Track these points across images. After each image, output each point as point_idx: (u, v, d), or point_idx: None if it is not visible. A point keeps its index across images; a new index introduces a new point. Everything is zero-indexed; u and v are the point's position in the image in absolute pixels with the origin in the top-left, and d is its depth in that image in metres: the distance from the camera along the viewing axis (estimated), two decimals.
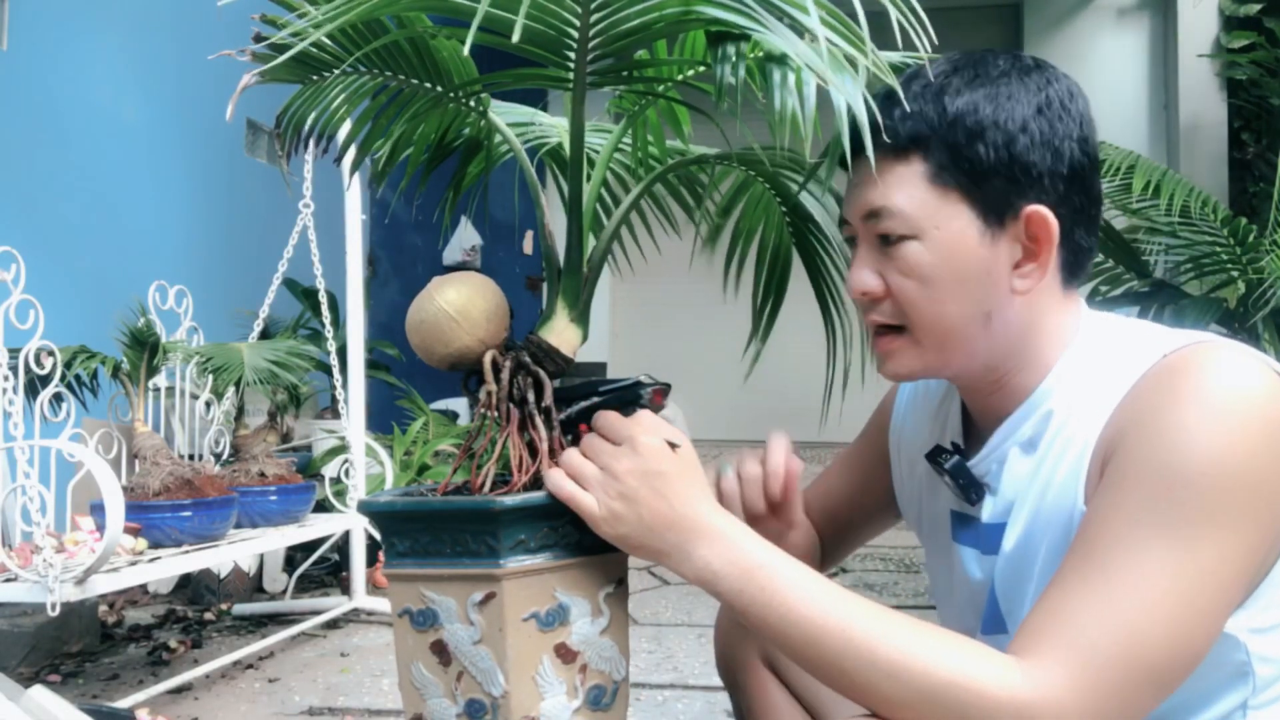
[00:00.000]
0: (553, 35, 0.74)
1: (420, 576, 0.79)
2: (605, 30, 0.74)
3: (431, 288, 0.88)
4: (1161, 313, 2.83)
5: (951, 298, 0.80)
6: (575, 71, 0.79)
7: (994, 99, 0.78)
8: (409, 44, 0.82)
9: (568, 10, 0.72)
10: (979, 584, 0.89)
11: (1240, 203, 4.21)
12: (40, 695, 1.54)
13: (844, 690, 0.73)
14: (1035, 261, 0.80)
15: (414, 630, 0.80)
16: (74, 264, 3.09)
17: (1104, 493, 0.73)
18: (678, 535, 0.76)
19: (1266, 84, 4.19)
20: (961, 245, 0.80)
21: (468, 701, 0.78)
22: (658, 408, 0.85)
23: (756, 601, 0.74)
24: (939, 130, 0.78)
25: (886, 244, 0.81)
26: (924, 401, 1.00)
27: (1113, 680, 0.68)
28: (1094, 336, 0.83)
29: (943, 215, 0.79)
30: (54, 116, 3.17)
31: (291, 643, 2.64)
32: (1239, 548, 0.70)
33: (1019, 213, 0.79)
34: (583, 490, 0.77)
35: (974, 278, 0.80)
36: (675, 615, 2.89)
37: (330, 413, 3.71)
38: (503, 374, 0.86)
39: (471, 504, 0.79)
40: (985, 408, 0.88)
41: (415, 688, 0.80)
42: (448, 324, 0.85)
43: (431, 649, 0.79)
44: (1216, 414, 0.70)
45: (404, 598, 0.81)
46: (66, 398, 2.00)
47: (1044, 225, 0.80)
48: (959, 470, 0.88)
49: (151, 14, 3.61)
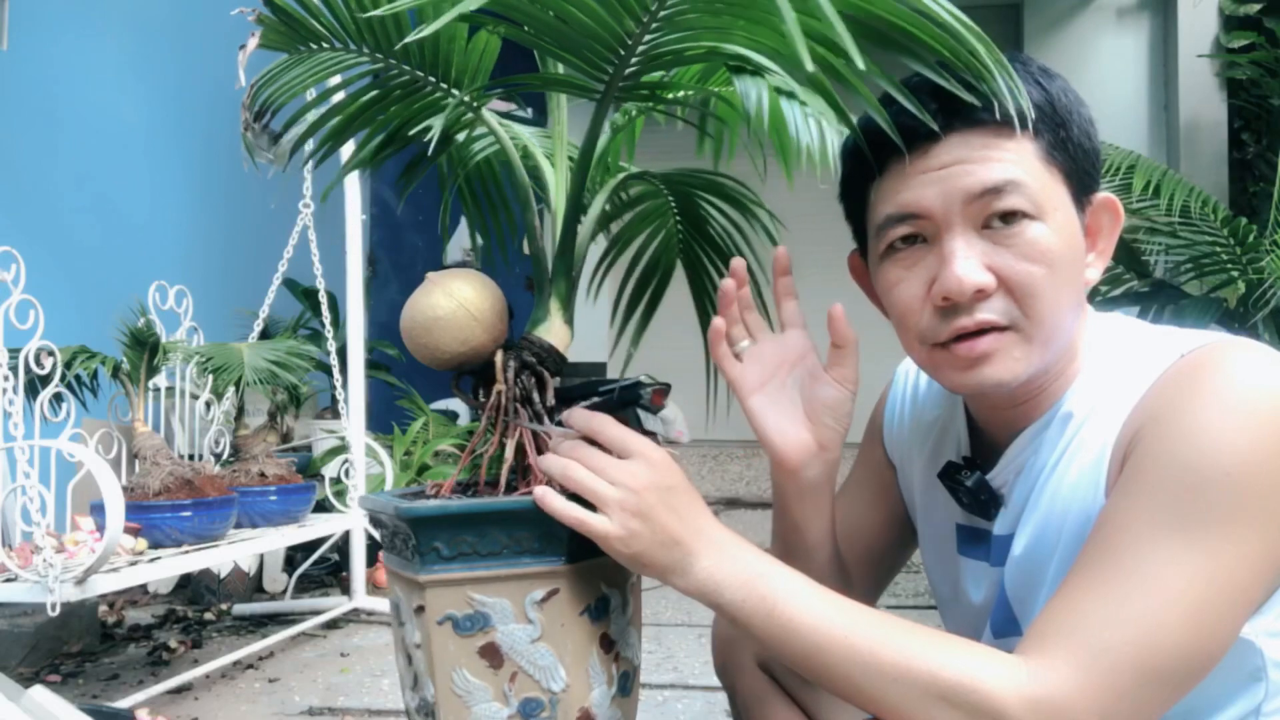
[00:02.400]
0: (600, 49, 0.76)
1: (469, 580, 0.78)
2: (648, 51, 0.76)
3: (437, 284, 0.86)
4: (1161, 313, 2.82)
5: (1066, 286, 0.77)
6: (608, 83, 0.80)
7: (1066, 89, 0.78)
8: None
9: (626, 30, 0.73)
10: (983, 602, 0.88)
11: (1240, 203, 4.20)
12: (40, 695, 1.53)
13: (850, 697, 0.72)
14: (1096, 250, 0.81)
15: (458, 636, 0.78)
16: (74, 264, 3.09)
17: (1121, 491, 0.72)
18: (683, 550, 0.74)
19: (1266, 84, 4.19)
20: (1072, 229, 0.77)
21: (522, 701, 0.78)
22: (657, 408, 0.85)
23: (759, 612, 0.73)
24: (1044, 109, 0.76)
25: (1004, 226, 0.75)
26: (917, 413, 0.98)
27: (1123, 681, 0.66)
28: (1107, 338, 0.82)
29: (1056, 197, 0.76)
30: (54, 116, 3.17)
31: (291, 643, 2.63)
32: (1258, 549, 0.68)
33: (1092, 200, 0.80)
34: (590, 513, 0.74)
35: (1079, 267, 0.79)
36: (675, 615, 2.88)
37: (330, 413, 3.71)
38: (508, 373, 0.85)
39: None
40: (1006, 419, 0.84)
41: (458, 695, 0.78)
42: (466, 321, 0.84)
43: (480, 653, 0.78)
44: (1236, 413, 0.68)
45: (446, 604, 0.78)
46: (66, 398, 1.99)
47: (1115, 211, 0.80)
48: (981, 486, 0.85)
49: (151, 14, 3.61)
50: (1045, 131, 0.76)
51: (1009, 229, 0.75)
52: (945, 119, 0.75)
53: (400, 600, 0.83)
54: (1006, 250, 0.75)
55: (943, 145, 0.75)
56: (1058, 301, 0.76)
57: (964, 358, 0.77)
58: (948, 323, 0.77)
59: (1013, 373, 0.77)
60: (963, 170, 0.75)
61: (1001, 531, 0.85)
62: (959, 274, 0.75)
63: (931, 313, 0.78)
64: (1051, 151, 0.76)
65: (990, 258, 0.75)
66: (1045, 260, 0.75)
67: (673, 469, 0.76)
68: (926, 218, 0.77)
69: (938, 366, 0.81)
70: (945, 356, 0.79)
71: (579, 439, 0.79)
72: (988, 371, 0.77)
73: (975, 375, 0.78)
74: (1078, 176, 0.78)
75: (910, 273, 0.79)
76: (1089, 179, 0.79)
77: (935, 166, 0.76)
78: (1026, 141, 0.76)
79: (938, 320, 0.78)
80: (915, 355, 0.83)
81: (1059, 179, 0.77)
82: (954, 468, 0.88)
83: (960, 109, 0.74)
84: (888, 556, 1.04)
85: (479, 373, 0.88)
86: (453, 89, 0.88)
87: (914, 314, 0.79)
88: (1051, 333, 0.77)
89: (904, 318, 0.81)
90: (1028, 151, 0.76)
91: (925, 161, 0.76)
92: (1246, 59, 4.24)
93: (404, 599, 0.82)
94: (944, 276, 0.76)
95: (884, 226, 0.80)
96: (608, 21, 0.72)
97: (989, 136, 0.75)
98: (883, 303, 0.84)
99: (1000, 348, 0.76)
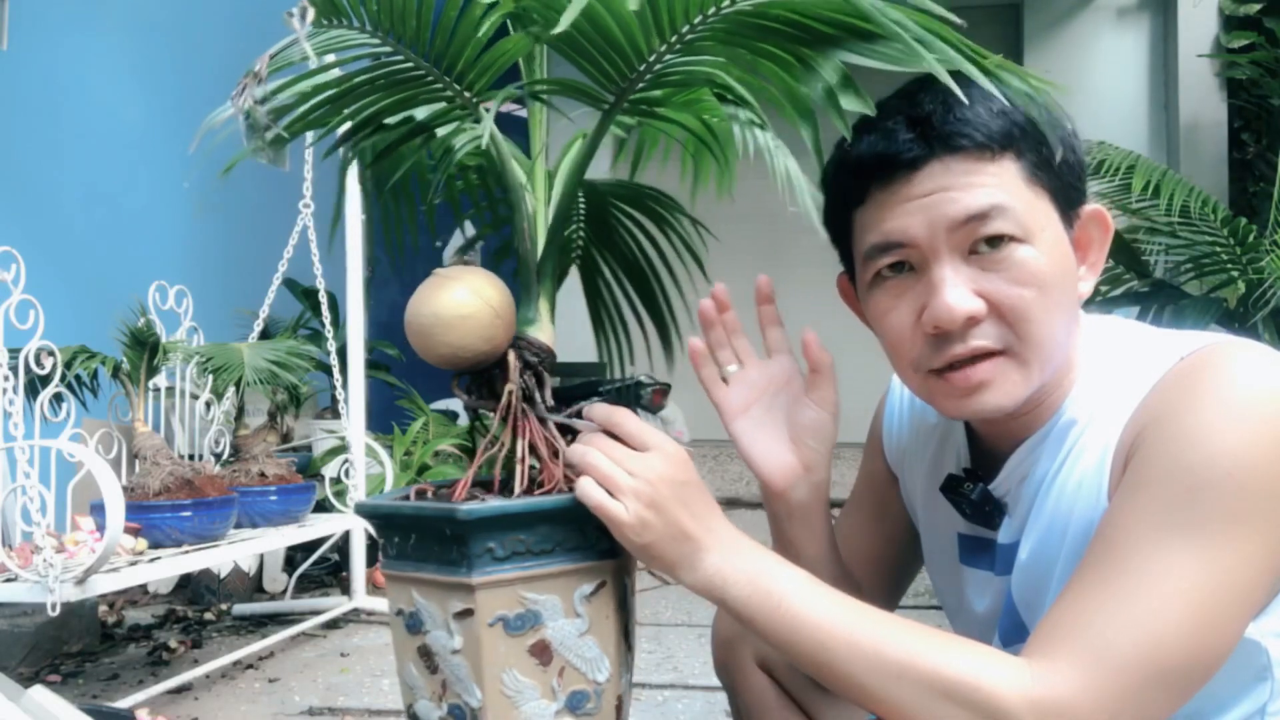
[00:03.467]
0: (619, 62, 0.79)
1: (521, 579, 0.78)
2: (660, 71, 0.80)
3: (458, 280, 0.84)
4: (1161, 313, 2.82)
5: (1059, 305, 0.76)
6: (619, 95, 0.83)
7: (1048, 105, 0.76)
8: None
9: (650, 46, 0.77)
10: (987, 611, 0.88)
11: (1240, 203, 4.20)
12: (40, 695, 1.53)
13: (854, 695, 0.72)
14: (1087, 263, 0.81)
15: (508, 636, 0.77)
16: (74, 264, 3.09)
17: (1123, 493, 0.72)
18: (692, 545, 0.75)
19: (1266, 84, 4.19)
20: (1060, 248, 0.77)
21: (570, 695, 0.78)
22: (658, 408, 0.85)
23: (764, 609, 0.73)
24: (1026, 128, 0.75)
25: (991, 251, 0.74)
26: (915, 419, 0.98)
27: (1128, 683, 0.66)
28: (1103, 342, 0.82)
29: (1043, 217, 0.76)
30: (54, 116, 3.17)
31: (291, 643, 2.63)
32: (1260, 549, 0.68)
33: (1080, 214, 0.79)
34: (609, 498, 0.75)
35: (1071, 283, 0.78)
36: (675, 615, 2.89)
37: (330, 413, 3.71)
38: (514, 373, 0.86)
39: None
40: (1007, 431, 0.84)
41: (507, 696, 0.78)
42: (491, 319, 0.83)
43: (530, 652, 0.78)
44: (1238, 414, 0.68)
45: (498, 605, 0.77)
46: (66, 398, 2.00)
47: (1104, 222, 0.80)
48: (985, 497, 0.85)
49: (151, 14, 3.61)
50: (1028, 151, 0.75)
51: (996, 253, 0.74)
52: (925, 146, 0.74)
53: (423, 607, 0.80)
54: (995, 275, 0.75)
55: (924, 172, 0.75)
56: (1051, 322, 0.75)
57: (960, 386, 0.77)
58: (940, 351, 0.77)
59: (1011, 397, 0.77)
60: (946, 198, 0.74)
61: (1006, 540, 0.85)
62: (949, 302, 0.74)
63: (924, 341, 0.78)
64: (1035, 171, 0.75)
65: (979, 283, 0.75)
66: (1035, 282, 0.74)
67: (687, 465, 0.77)
68: (912, 246, 0.76)
69: (933, 394, 0.80)
70: (940, 385, 0.78)
71: (599, 431, 0.80)
72: (986, 398, 0.77)
73: (973, 403, 0.77)
74: (1064, 193, 0.77)
75: (899, 301, 0.78)
76: (1076, 193, 0.79)
77: (918, 194, 0.75)
78: (1009, 163, 0.75)
79: (930, 349, 0.77)
80: (910, 383, 0.83)
81: (1045, 198, 0.76)
82: (956, 480, 0.88)
83: (939, 135, 0.74)
84: (897, 569, 1.04)
85: (480, 373, 0.88)
86: (455, 82, 0.87)
87: (906, 342, 0.79)
88: (1047, 354, 0.76)
89: (896, 346, 0.80)
90: (1011, 173, 0.75)
91: (907, 189, 0.75)
92: (1246, 59, 4.24)
93: (432, 606, 0.80)
94: (934, 306, 0.75)
95: (870, 256, 0.79)
96: (637, 38, 0.75)
97: (970, 162, 0.74)
98: (873, 329, 0.84)
99: (997, 374, 0.76)
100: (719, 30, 0.75)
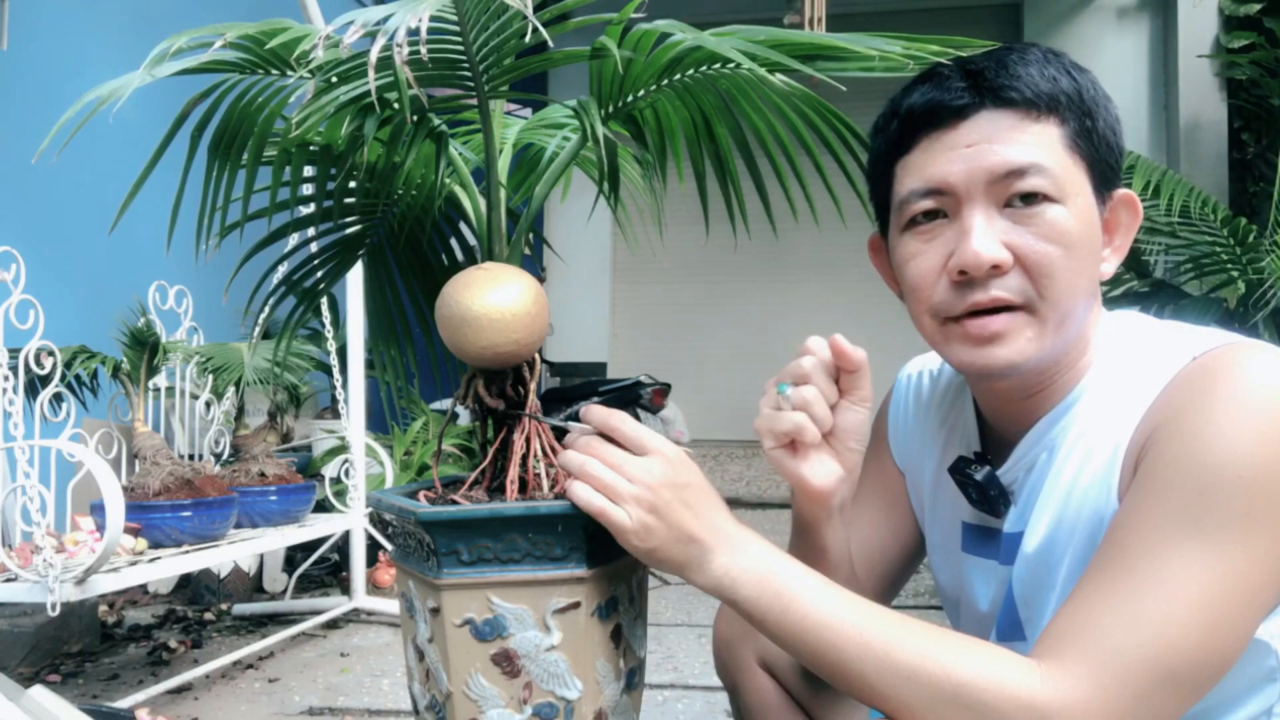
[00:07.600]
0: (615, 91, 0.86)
1: (491, 584, 0.77)
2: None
3: (517, 275, 0.82)
4: (1161, 313, 2.82)
5: (1082, 271, 0.77)
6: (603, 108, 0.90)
7: (1096, 84, 0.80)
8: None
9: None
10: (988, 608, 0.88)
11: (1240, 203, 4.20)
12: (40, 695, 1.54)
13: (862, 696, 0.72)
14: (1113, 246, 0.82)
15: (475, 641, 0.77)
16: (74, 264, 3.09)
17: (1134, 494, 0.72)
18: (698, 547, 0.75)
19: (1266, 84, 4.19)
20: (1090, 215, 0.78)
21: (537, 706, 0.78)
22: (658, 408, 0.85)
23: (774, 609, 0.73)
24: (1073, 97, 0.78)
25: (1025, 206, 0.76)
26: (920, 413, 0.98)
27: (1137, 685, 0.66)
28: (1118, 334, 0.82)
29: (1078, 184, 0.78)
30: (54, 116, 3.16)
31: (291, 643, 2.64)
32: (1271, 551, 0.68)
33: (1112, 196, 0.81)
34: (611, 504, 0.74)
35: (1096, 253, 0.80)
36: (675, 615, 2.88)
37: (330, 413, 3.71)
38: (539, 375, 0.86)
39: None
40: (1016, 413, 0.84)
41: (471, 699, 0.78)
42: (545, 318, 0.83)
43: (494, 660, 0.78)
44: (1250, 416, 0.69)
45: (465, 607, 0.78)
46: (66, 398, 2.00)
47: (1135, 208, 0.81)
48: (991, 481, 0.85)
49: (151, 14, 3.61)
50: (1071, 119, 0.78)
51: (1029, 209, 0.76)
52: (975, 95, 0.77)
53: (413, 597, 0.82)
54: (1025, 229, 0.76)
55: (971, 122, 0.77)
56: (1073, 284, 0.77)
57: (976, 335, 0.78)
58: (962, 297, 0.78)
59: (1024, 354, 0.77)
60: (989, 149, 0.76)
61: (1011, 529, 0.85)
62: (976, 248, 0.76)
63: (946, 286, 0.79)
64: (1076, 139, 0.78)
65: (1009, 236, 0.76)
66: (1063, 242, 0.76)
67: (688, 466, 0.76)
68: (950, 193, 0.78)
69: (948, 341, 0.81)
70: (957, 331, 0.79)
71: (595, 435, 0.79)
72: (999, 352, 0.77)
73: (986, 354, 0.78)
74: (1100, 168, 0.79)
75: (929, 246, 0.80)
76: (1111, 173, 0.80)
77: (963, 143, 0.77)
78: (1052, 126, 0.77)
79: (952, 294, 0.79)
80: (925, 329, 0.83)
81: (1081, 166, 0.78)
82: (964, 462, 0.88)
83: (990, 87, 0.77)
84: (897, 567, 1.03)
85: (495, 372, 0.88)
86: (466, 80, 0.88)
87: (928, 287, 0.80)
88: (1064, 315, 0.77)
89: (918, 290, 0.81)
90: (1053, 136, 0.77)
91: (953, 136, 0.78)
92: (1246, 59, 4.24)
93: (417, 597, 0.81)
94: (962, 249, 0.77)
95: (907, 200, 0.81)
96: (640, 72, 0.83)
97: (1016, 118, 0.77)
98: (897, 276, 0.85)
99: (1013, 328, 0.77)
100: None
